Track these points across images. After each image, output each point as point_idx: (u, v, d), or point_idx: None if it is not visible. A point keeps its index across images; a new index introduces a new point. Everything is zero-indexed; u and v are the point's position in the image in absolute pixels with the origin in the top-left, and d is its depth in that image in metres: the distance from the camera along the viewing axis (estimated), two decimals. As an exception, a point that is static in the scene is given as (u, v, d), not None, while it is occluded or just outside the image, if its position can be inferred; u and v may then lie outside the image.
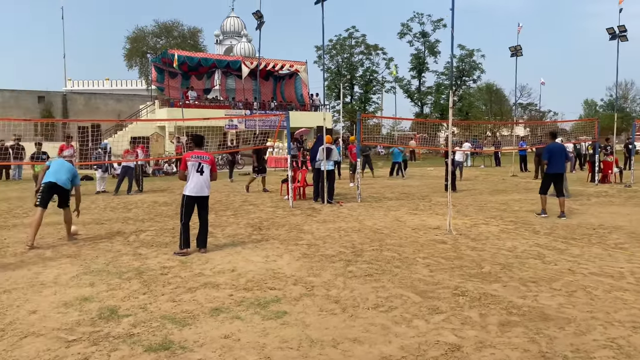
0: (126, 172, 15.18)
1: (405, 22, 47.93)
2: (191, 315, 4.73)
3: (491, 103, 63.84)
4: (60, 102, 40.52)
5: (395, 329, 4.40)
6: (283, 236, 8.58)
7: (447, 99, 45.88)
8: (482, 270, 6.33)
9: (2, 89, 38.86)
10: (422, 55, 48.07)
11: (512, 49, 23.63)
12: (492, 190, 16.07)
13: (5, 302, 5.15)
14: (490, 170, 26.56)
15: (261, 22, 18.22)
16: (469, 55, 47.70)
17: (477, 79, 50.12)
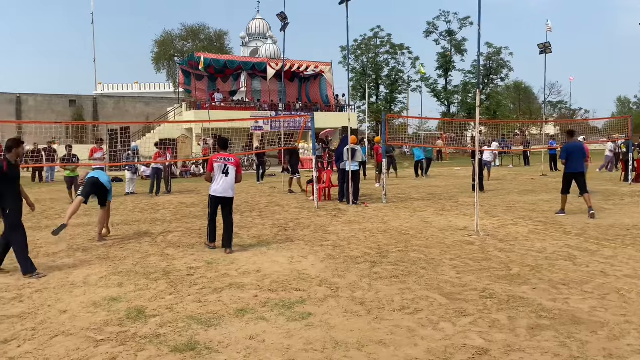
0: (156, 174, 15.45)
1: (431, 21, 47.52)
2: (217, 316, 4.76)
3: (520, 101, 62.77)
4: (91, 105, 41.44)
5: (422, 331, 4.35)
6: (308, 237, 8.58)
7: (474, 98, 45.26)
8: (510, 272, 6.20)
9: (36, 94, 39.95)
10: (448, 54, 47.53)
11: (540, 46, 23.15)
12: (520, 190, 15.77)
13: (37, 302, 5.28)
14: (519, 169, 26.09)
15: (285, 24, 18.26)
16: (496, 53, 46.98)
17: (505, 77, 49.33)
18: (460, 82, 48.72)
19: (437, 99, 48.95)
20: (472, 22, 45.76)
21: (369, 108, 40.94)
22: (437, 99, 48.90)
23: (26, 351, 4.04)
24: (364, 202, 12.76)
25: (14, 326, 4.58)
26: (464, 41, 47.04)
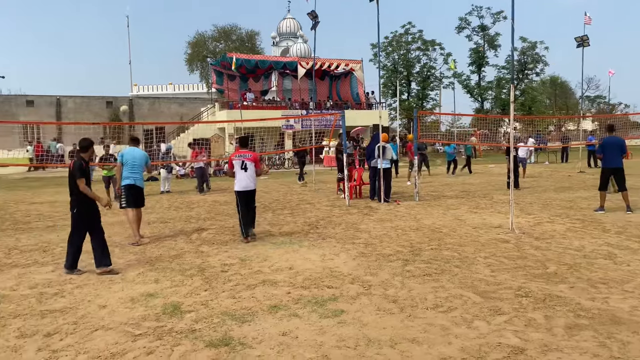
0: (202, 172, 15.97)
1: (463, 16, 46.73)
2: (250, 312, 4.82)
3: (556, 97, 61.22)
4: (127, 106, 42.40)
5: (455, 329, 4.30)
6: (340, 235, 8.59)
7: (508, 94, 44.33)
8: (547, 270, 6.07)
9: (74, 96, 41.12)
10: (481, 49, 46.68)
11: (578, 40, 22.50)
12: (557, 187, 15.39)
13: (78, 297, 5.45)
14: (555, 166, 25.45)
15: (316, 22, 18.27)
16: (531, 47, 45.83)
17: (541, 72, 48.10)
18: (493, 77, 47.81)
19: (470, 95, 48.14)
20: (506, 17, 44.82)
21: (400, 105, 40.62)
22: (470, 95, 48.09)
23: (68, 344, 4.19)
24: (396, 200, 12.68)
25: (56, 320, 4.75)
26: (497, 36, 46.09)
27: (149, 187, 17.96)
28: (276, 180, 20.86)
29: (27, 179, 23.59)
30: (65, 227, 9.73)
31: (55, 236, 9.05)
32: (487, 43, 46.45)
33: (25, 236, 9.12)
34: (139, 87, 56.87)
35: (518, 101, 43.48)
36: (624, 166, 10.23)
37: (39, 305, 5.21)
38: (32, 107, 38.70)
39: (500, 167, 24.36)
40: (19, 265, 6.95)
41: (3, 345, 4.19)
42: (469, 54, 47.30)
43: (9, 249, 8.06)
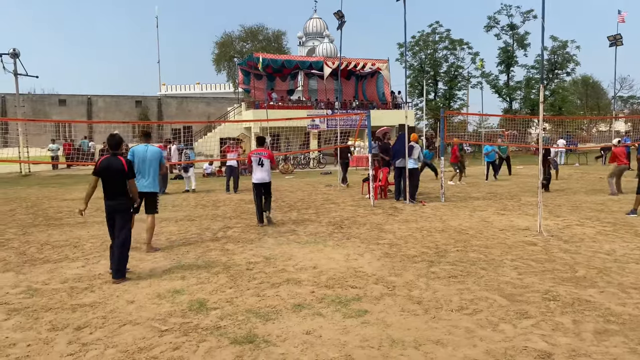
0: (231, 172, 15.95)
1: (492, 15, 46.05)
2: (275, 310, 4.86)
3: (587, 97, 59.84)
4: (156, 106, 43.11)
5: (480, 332, 4.25)
6: (364, 235, 8.57)
7: (537, 94, 43.51)
8: (575, 274, 5.95)
9: (104, 95, 42.05)
10: (510, 49, 45.93)
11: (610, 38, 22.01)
12: (587, 189, 15.05)
13: (107, 292, 5.57)
14: (586, 168, 24.87)
15: (342, 22, 18.28)
16: (562, 46, 44.89)
17: (572, 72, 47.05)
18: (522, 77, 47.00)
19: (498, 95, 47.40)
20: (536, 16, 44.00)
21: (426, 105, 40.29)
22: (499, 95, 47.35)
23: (97, 338, 4.29)
24: (422, 200, 12.58)
25: (86, 314, 4.87)
26: (527, 35, 45.25)
27: (175, 186, 18.24)
28: (301, 179, 20.93)
29: (59, 176, 24.21)
30: (94, 224, 10.00)
31: (86, 232, 9.26)
32: (516, 42, 45.69)
33: (57, 232, 9.36)
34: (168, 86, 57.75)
35: (548, 101, 42.64)
36: None
37: (70, 299, 5.35)
38: (65, 107, 39.70)
39: (528, 168, 23.96)
40: (50, 260, 7.14)
41: (35, 337, 4.32)
42: (498, 54, 46.63)
43: (41, 244, 8.28)
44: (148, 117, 41.36)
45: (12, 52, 25.90)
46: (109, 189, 6.13)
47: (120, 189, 6.15)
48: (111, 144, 6.29)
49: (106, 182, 6.12)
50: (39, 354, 3.99)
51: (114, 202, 6.16)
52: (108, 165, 6.11)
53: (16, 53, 26.02)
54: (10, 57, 25.98)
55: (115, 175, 6.09)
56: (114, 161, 6.13)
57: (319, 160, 28.95)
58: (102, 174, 6.12)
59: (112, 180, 6.10)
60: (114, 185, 6.11)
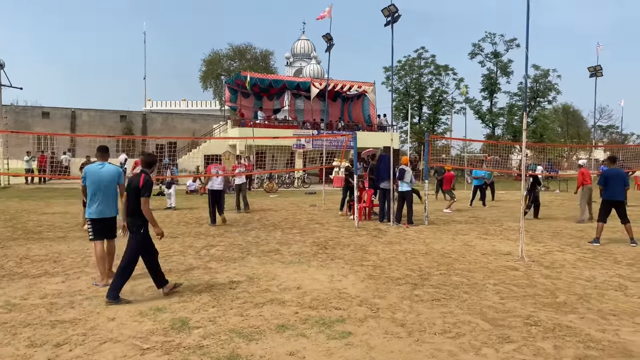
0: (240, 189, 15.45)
1: (476, 42, 47.10)
2: (258, 331, 4.83)
3: (568, 125, 61.12)
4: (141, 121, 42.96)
5: (463, 356, 4.28)
6: (348, 256, 8.58)
7: (519, 121, 44.29)
8: (556, 299, 6.03)
9: (89, 109, 41.77)
10: (493, 76, 46.91)
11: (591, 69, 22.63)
12: (568, 216, 15.29)
13: (87, 309, 5.49)
14: (566, 195, 25.27)
15: (331, 45, 18.56)
16: (543, 75, 46.01)
17: (553, 100, 48.15)
18: (505, 104, 47.93)
19: (481, 120, 48.24)
20: (519, 44, 45.13)
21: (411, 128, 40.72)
22: (482, 120, 48.19)
23: (77, 355, 4.21)
24: (404, 222, 12.65)
25: (66, 331, 4.78)
26: (510, 63, 46.34)
27: (157, 202, 18.08)
28: (286, 199, 20.91)
29: (39, 189, 23.84)
30: (75, 239, 9.86)
31: (66, 247, 9.12)
32: (499, 69, 46.69)
33: (36, 246, 9.21)
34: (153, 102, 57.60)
35: (530, 128, 43.44)
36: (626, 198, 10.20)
37: (49, 315, 5.25)
38: (48, 119, 39.31)
39: (510, 193, 24.26)
40: (29, 275, 7.02)
41: (13, 353, 4.23)
42: (482, 80, 47.57)
43: (20, 258, 8.14)
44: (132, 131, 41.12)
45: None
46: (127, 205, 6.05)
47: (134, 207, 5.93)
48: (147, 161, 6.20)
49: (127, 198, 6.03)
50: (16, 371, 3.91)
51: (127, 219, 6.03)
52: (130, 181, 6.04)
53: (0, 64, 25.79)
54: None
55: (132, 192, 5.93)
56: (135, 178, 5.99)
57: (304, 180, 28.99)
58: (127, 189, 6.06)
59: (129, 197, 5.97)
60: (130, 202, 5.96)
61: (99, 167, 6.56)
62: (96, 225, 6.55)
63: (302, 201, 19.73)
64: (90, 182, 6.48)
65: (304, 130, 32.26)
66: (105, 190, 6.50)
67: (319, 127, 32.70)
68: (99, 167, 6.57)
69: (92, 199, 6.48)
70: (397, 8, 12.73)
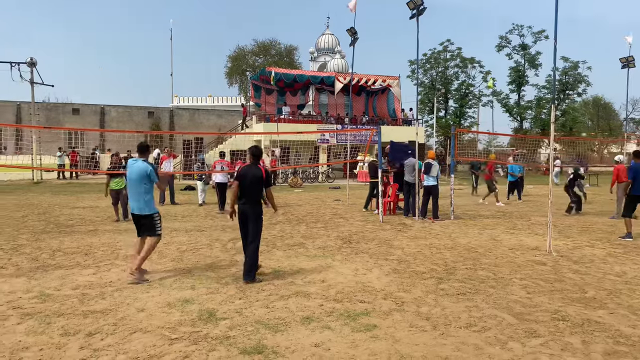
0: None
1: (504, 35, 46.28)
2: (283, 322, 4.89)
3: (598, 118, 59.67)
4: (168, 117, 43.51)
5: (489, 349, 4.26)
6: (373, 250, 8.59)
7: (548, 114, 43.46)
8: (585, 295, 5.93)
9: (117, 105, 42.50)
10: (521, 68, 46.06)
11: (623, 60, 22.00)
12: (598, 211, 14.97)
13: (117, 299, 5.63)
14: (596, 189, 24.70)
15: (355, 39, 18.48)
16: (573, 67, 44.94)
17: (583, 93, 47.02)
18: (533, 97, 47.03)
19: (509, 114, 47.47)
20: (547, 36, 44.15)
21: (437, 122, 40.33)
22: (509, 114, 47.42)
23: (108, 344, 4.34)
24: (429, 217, 12.58)
25: (97, 321, 4.92)
26: (538, 55, 45.38)
27: (187, 196, 18.36)
28: (310, 193, 20.98)
29: (70, 184, 24.45)
30: (105, 232, 10.11)
31: (97, 240, 9.35)
32: (527, 62, 45.79)
33: (68, 239, 9.47)
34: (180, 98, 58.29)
35: (558, 122, 42.57)
36: None
37: (81, 305, 5.41)
38: (78, 115, 40.17)
39: (538, 188, 23.85)
40: (62, 266, 7.23)
41: (48, 341, 4.38)
42: (509, 73, 46.74)
43: (53, 250, 8.38)
44: (160, 128, 41.73)
45: (29, 61, 26.35)
46: (243, 195, 6.48)
47: (255, 196, 6.49)
48: (254, 153, 6.68)
49: (242, 188, 6.48)
50: (51, 358, 4.05)
51: (246, 207, 6.46)
52: (246, 172, 6.48)
53: (33, 62, 26.48)
54: (28, 66, 26.43)
55: (251, 182, 6.42)
56: (254, 169, 6.49)
57: (328, 175, 29.02)
58: (240, 180, 6.48)
59: (248, 186, 6.44)
60: (250, 191, 6.45)
61: (132, 163, 6.71)
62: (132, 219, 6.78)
63: (326, 196, 19.78)
64: (128, 176, 6.66)
65: (327, 125, 32.27)
66: (132, 186, 6.61)
67: (343, 121, 32.66)
68: (131, 162, 6.73)
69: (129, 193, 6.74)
70: (423, 0, 12.62)
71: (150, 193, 6.63)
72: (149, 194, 6.60)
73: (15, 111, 38.41)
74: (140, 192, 6.54)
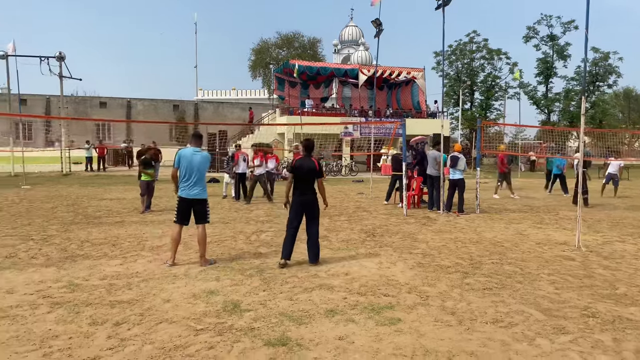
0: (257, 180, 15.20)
1: (531, 25, 45.36)
2: (307, 315, 4.88)
3: (629, 110, 58.09)
4: (192, 110, 44.01)
5: (516, 345, 4.18)
6: (397, 244, 8.53)
7: (577, 106, 42.50)
8: (616, 291, 5.78)
9: (143, 98, 43.11)
10: (549, 60, 45.09)
11: (656, 50, 21.25)
12: (629, 205, 14.59)
13: (143, 290, 5.71)
14: (627, 184, 24.07)
15: (380, 30, 18.28)
16: (603, 58, 43.80)
17: (613, 84, 45.83)
18: (562, 89, 46.05)
19: (536, 106, 46.60)
20: (577, 27, 43.12)
21: (462, 115, 39.78)
22: (537, 106, 46.54)
23: (135, 334, 4.40)
24: (454, 211, 12.43)
25: (124, 311, 5.00)
26: (567, 46, 44.38)
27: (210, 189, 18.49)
28: (333, 186, 20.95)
29: (98, 177, 24.91)
30: (132, 224, 10.26)
31: (124, 231, 9.51)
32: (556, 53, 44.81)
33: (96, 230, 9.64)
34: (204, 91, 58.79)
35: (588, 114, 41.59)
36: None
37: (109, 295, 5.50)
38: (105, 109, 40.88)
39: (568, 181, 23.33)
40: (90, 257, 7.36)
41: (77, 330, 4.46)
42: (536, 64, 45.86)
43: (82, 241, 8.54)
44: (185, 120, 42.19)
45: (58, 56, 26.84)
46: (299, 186, 6.85)
47: (311, 185, 6.87)
48: (307, 146, 6.99)
49: (298, 180, 6.85)
50: (80, 346, 4.12)
51: (305, 197, 6.84)
52: (301, 164, 6.85)
53: (62, 56, 26.96)
54: (57, 60, 26.93)
55: (307, 173, 6.81)
56: (307, 161, 6.85)
57: (351, 168, 28.94)
58: (295, 172, 6.85)
59: (303, 178, 6.82)
60: (306, 182, 6.83)
61: (192, 152, 6.86)
62: (180, 204, 6.91)
63: (350, 189, 19.73)
64: (183, 163, 6.77)
65: (351, 118, 32.15)
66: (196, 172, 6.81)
67: (367, 114, 32.49)
68: (191, 151, 6.87)
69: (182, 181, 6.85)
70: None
71: (205, 179, 7.03)
72: (204, 180, 7.00)
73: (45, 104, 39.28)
74: (201, 179, 6.89)
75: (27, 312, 4.93)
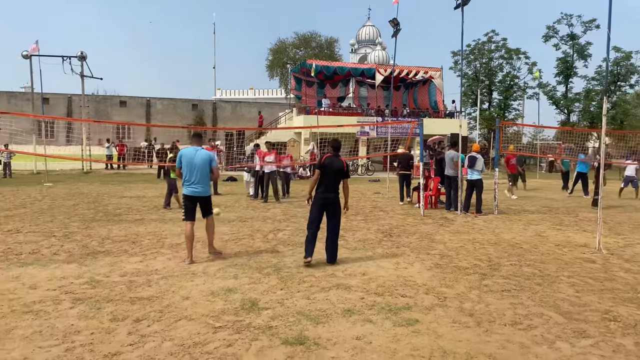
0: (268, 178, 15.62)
1: (551, 25, 44.76)
2: (325, 314, 4.90)
3: (652, 111, 56.98)
4: (211, 109, 44.29)
5: (535, 349, 4.15)
6: (414, 244, 8.50)
7: (597, 106, 41.84)
8: (638, 295, 5.70)
9: (162, 98, 43.51)
10: (569, 59, 44.46)
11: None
12: (651, 207, 14.33)
13: (163, 287, 5.78)
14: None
15: (397, 30, 18.21)
16: (625, 57, 43.02)
17: (635, 84, 44.99)
18: (582, 89, 45.36)
19: (555, 106, 45.99)
20: (598, 26, 42.44)
21: (480, 115, 39.43)
22: (556, 106, 45.93)
23: (155, 331, 4.46)
24: (472, 212, 12.34)
25: (144, 307, 5.07)
26: (588, 45, 43.69)
27: (229, 187, 18.64)
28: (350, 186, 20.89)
29: (118, 174, 25.24)
30: (151, 221, 10.39)
31: (144, 229, 9.62)
32: (576, 53, 44.16)
33: (116, 227, 9.78)
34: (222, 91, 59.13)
35: (609, 114, 40.93)
36: None
37: (129, 292, 5.58)
38: (125, 108, 41.38)
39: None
40: (111, 254, 7.47)
41: (98, 326, 4.54)
42: (556, 64, 45.25)
43: (102, 238, 8.67)
44: (203, 120, 42.57)
45: (79, 55, 27.26)
46: (325, 183, 6.92)
47: (336, 185, 6.97)
48: (335, 146, 7.18)
49: (325, 177, 6.93)
50: (101, 342, 4.19)
51: (329, 195, 6.92)
52: (330, 162, 6.95)
53: (83, 56, 27.38)
54: (78, 60, 27.35)
55: (335, 172, 6.92)
56: (336, 161, 6.98)
57: (367, 168, 28.88)
58: (324, 169, 6.92)
59: (331, 176, 6.92)
60: (332, 180, 6.93)
61: (194, 151, 7.05)
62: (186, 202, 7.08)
63: (366, 188, 19.70)
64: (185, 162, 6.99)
65: (368, 118, 32.07)
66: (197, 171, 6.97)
67: (384, 114, 32.39)
68: (193, 150, 7.06)
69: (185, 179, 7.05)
70: (468, -10, 12.32)
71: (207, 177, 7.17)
72: (207, 179, 7.15)
73: (67, 103, 39.89)
74: (205, 177, 7.07)
75: (50, 307, 5.03)
